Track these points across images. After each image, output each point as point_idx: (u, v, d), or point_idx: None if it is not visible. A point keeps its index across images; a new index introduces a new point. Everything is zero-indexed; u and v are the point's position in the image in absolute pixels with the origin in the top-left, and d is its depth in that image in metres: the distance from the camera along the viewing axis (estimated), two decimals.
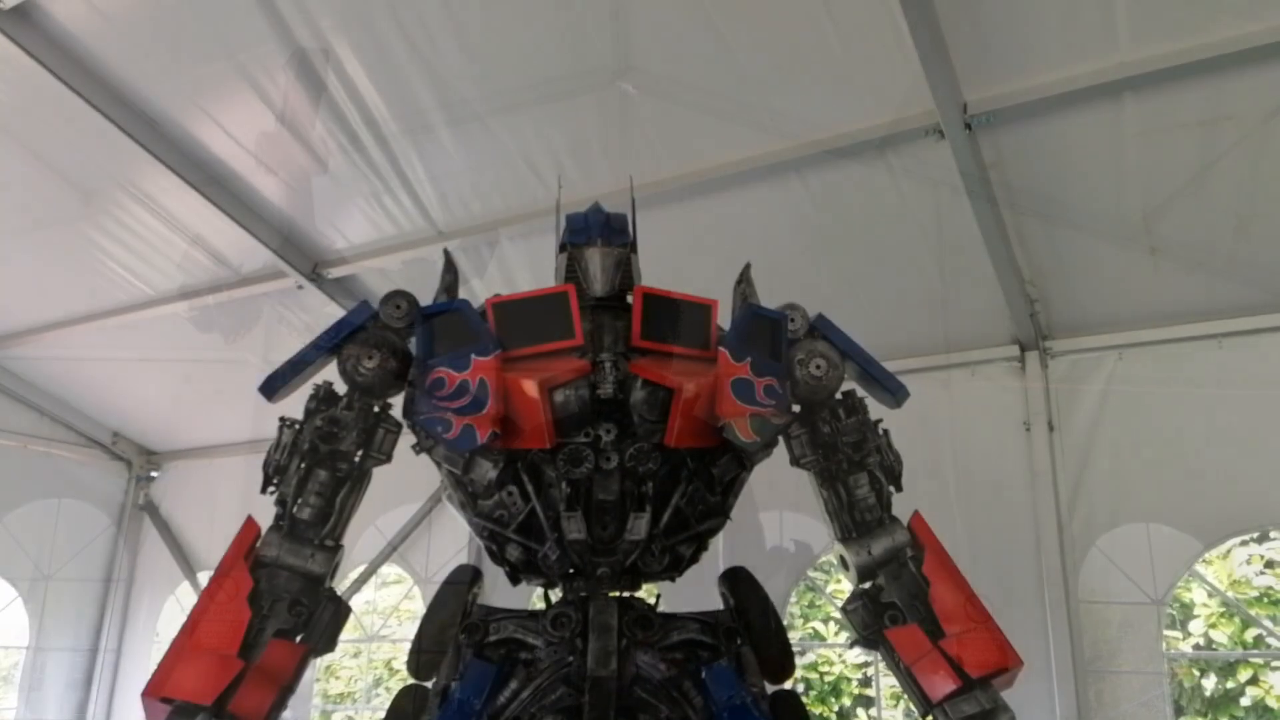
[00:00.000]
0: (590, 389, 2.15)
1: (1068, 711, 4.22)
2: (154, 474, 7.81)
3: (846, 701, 9.58)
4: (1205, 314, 4.42)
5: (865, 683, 9.44)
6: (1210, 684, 8.30)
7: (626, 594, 2.33)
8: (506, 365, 2.12)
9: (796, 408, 2.43)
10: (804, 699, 2.45)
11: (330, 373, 2.39)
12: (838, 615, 8.81)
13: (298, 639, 2.20)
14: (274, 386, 2.32)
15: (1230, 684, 8.20)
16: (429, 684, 2.28)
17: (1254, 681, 8.05)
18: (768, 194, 4.31)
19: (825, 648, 9.58)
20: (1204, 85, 3.50)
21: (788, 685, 2.41)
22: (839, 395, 2.47)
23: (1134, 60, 3.47)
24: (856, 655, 9.36)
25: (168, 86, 4.28)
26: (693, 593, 2.59)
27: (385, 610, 8.96)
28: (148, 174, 4.74)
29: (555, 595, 2.38)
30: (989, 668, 2.16)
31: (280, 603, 2.17)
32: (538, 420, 2.09)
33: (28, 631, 7.05)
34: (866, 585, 2.40)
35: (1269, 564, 8.15)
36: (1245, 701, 8.06)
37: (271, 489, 2.30)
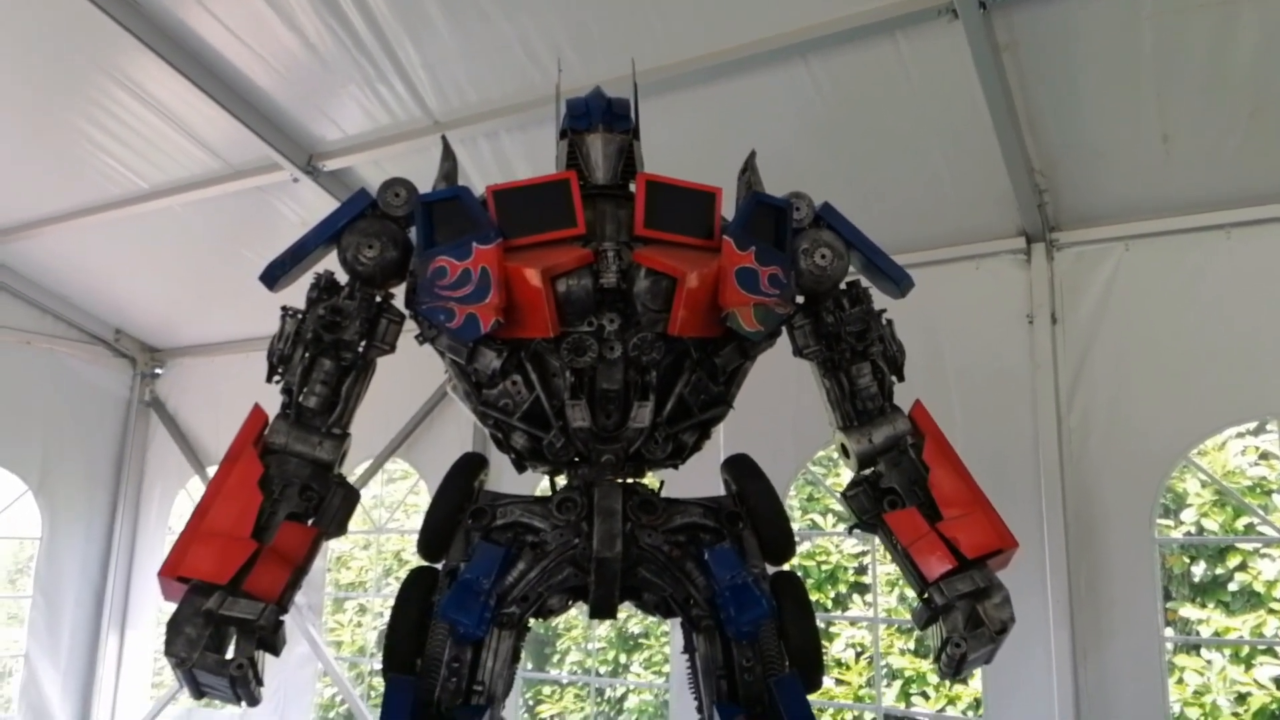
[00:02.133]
0: (593, 278, 2.13)
1: (1060, 594, 4.35)
2: (158, 370, 7.85)
3: (843, 589, 9.86)
4: (1215, 204, 4.35)
5: (861, 570, 9.69)
6: (1199, 570, 8.52)
7: (630, 480, 2.37)
8: (508, 254, 2.11)
9: (800, 298, 2.42)
10: None
11: (331, 262, 2.38)
12: (838, 506, 9.00)
13: (309, 523, 2.25)
14: (274, 275, 2.32)
15: (1219, 570, 8.41)
16: (438, 566, 2.34)
17: (1242, 568, 8.25)
18: (773, 80, 4.19)
19: (823, 536, 9.80)
20: None
21: (787, 567, 2.48)
22: (843, 285, 2.46)
23: None
24: (853, 545, 9.59)
25: None
26: (696, 481, 2.64)
27: (392, 504, 9.15)
28: (135, 60, 4.59)
29: (560, 481, 2.42)
30: (985, 549, 2.22)
31: (291, 487, 2.21)
32: (541, 309, 2.08)
33: (40, 524, 7.20)
34: (867, 472, 2.44)
35: (1263, 455, 8.25)
36: (1233, 587, 8.28)
37: (277, 378, 2.32)
